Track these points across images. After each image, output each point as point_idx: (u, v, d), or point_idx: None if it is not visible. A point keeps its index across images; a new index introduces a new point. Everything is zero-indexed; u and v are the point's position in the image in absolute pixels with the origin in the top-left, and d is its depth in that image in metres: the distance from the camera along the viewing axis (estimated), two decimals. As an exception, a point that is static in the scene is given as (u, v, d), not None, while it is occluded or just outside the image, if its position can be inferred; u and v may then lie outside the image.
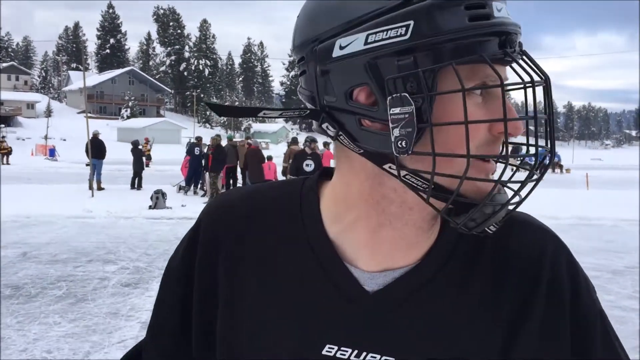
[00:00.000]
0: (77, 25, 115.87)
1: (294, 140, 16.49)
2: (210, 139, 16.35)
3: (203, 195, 16.08)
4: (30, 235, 9.82)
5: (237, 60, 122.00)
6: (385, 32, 0.63)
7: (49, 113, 71.17)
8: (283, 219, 0.80)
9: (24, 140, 53.99)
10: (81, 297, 6.14)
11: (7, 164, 30.83)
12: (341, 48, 0.66)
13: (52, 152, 39.15)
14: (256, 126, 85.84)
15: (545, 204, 14.59)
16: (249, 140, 18.04)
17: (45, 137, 47.60)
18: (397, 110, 0.64)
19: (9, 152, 32.51)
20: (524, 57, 0.66)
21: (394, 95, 0.63)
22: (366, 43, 0.64)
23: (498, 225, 0.68)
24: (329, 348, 0.73)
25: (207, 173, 15.70)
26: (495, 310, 0.74)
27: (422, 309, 0.73)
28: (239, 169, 16.67)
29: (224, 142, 16.87)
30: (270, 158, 15.94)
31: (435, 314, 0.73)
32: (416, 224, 0.73)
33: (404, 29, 0.63)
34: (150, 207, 13.12)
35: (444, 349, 0.72)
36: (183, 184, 17.35)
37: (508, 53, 0.64)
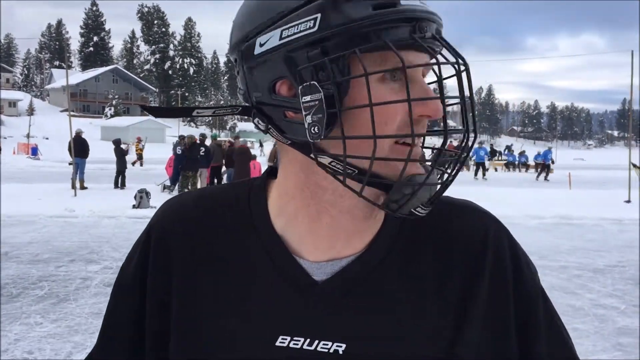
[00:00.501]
0: (60, 23, 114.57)
1: (236, 137, 16.55)
2: (186, 138, 16.24)
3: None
4: (11, 235, 9.70)
5: (223, 59, 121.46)
6: (296, 27, 0.67)
7: (31, 111, 70.32)
8: (233, 218, 0.82)
9: (5, 138, 53.29)
10: (63, 297, 6.09)
11: None
12: (261, 45, 0.71)
13: (34, 151, 38.68)
14: (241, 125, 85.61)
15: (529, 203, 14.76)
16: (229, 139, 17.95)
17: (28, 136, 47.06)
18: (308, 98, 0.67)
19: None
20: (442, 43, 0.70)
21: (304, 84, 0.67)
22: (281, 38, 0.68)
23: (427, 208, 0.70)
24: (282, 339, 0.74)
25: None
26: (441, 294, 0.77)
27: (369, 297, 0.76)
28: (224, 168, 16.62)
29: (208, 141, 16.79)
30: (254, 157, 15.91)
31: (382, 301, 0.76)
32: (351, 212, 0.75)
33: (312, 22, 0.66)
34: (134, 207, 13.03)
35: (393, 335, 0.75)
36: (168, 183, 17.23)
37: (415, 38, 0.67)
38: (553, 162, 30.12)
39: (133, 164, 27.62)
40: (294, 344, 0.74)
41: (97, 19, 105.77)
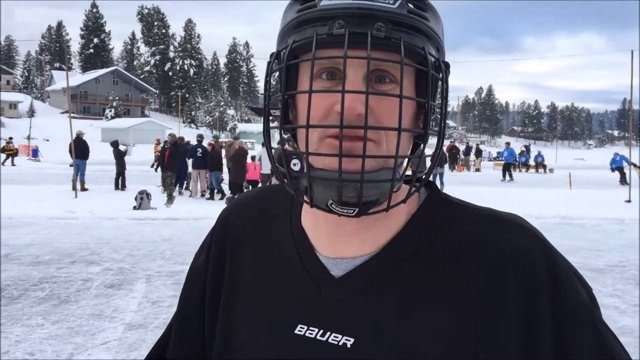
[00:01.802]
0: (60, 25, 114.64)
1: (235, 138, 16.47)
2: (168, 136, 16.12)
3: (190, 196, 16.00)
4: (12, 236, 9.71)
5: (223, 60, 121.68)
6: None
7: (31, 113, 70.38)
8: (279, 213, 0.91)
9: (6, 140, 53.31)
10: (64, 299, 6.09)
11: (13, 165, 30.38)
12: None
13: (35, 153, 38.71)
14: (242, 126, 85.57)
15: (529, 203, 14.76)
16: (211, 141, 17.65)
17: (28, 138, 47.01)
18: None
19: (14, 153, 31.92)
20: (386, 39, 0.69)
21: None
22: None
23: (345, 208, 0.70)
24: (300, 327, 0.79)
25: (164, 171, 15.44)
26: (459, 305, 0.74)
27: (381, 297, 0.77)
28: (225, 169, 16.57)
29: (205, 143, 16.75)
30: (254, 158, 15.92)
31: (394, 302, 0.76)
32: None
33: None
34: (134, 208, 13.03)
35: (401, 335, 0.74)
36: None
37: (332, 34, 0.69)
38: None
39: (153, 167, 26.12)
40: (309, 333, 0.78)
41: (97, 21, 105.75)
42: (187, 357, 0.97)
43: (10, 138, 33.62)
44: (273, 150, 0.77)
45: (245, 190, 15.36)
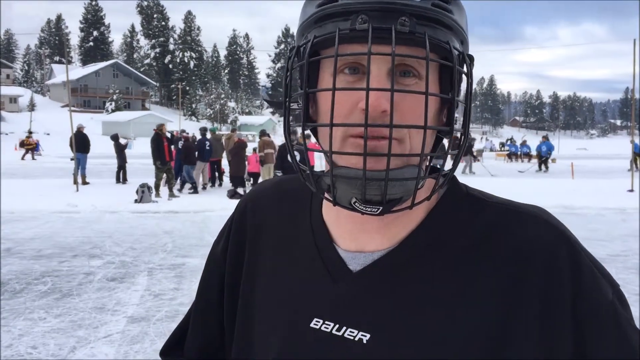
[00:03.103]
0: (59, 18, 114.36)
1: (263, 132, 16.39)
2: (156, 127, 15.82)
3: (190, 189, 15.99)
4: (14, 230, 9.72)
5: (223, 52, 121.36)
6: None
7: (32, 107, 70.43)
8: (298, 205, 0.90)
9: (7, 134, 53.35)
10: (66, 292, 6.10)
11: (33, 159, 30.37)
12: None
13: (36, 147, 38.67)
14: (243, 118, 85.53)
15: (531, 193, 14.74)
16: (184, 133, 17.25)
17: (29, 132, 47.07)
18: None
19: (34, 147, 31.83)
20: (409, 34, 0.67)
21: None
22: None
23: (369, 206, 0.69)
24: (316, 321, 0.78)
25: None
26: (479, 301, 0.73)
27: (400, 292, 0.75)
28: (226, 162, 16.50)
29: (208, 135, 16.71)
30: (255, 150, 15.91)
31: (412, 298, 0.74)
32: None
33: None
34: (135, 201, 13.04)
35: (417, 332, 0.73)
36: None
37: (355, 29, 0.67)
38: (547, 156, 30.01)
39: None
40: (325, 327, 0.77)
41: (96, 14, 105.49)
42: (204, 346, 0.98)
43: (30, 132, 33.39)
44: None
45: (246, 182, 15.37)
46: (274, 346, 0.81)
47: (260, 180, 15.16)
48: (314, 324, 0.78)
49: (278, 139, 24.42)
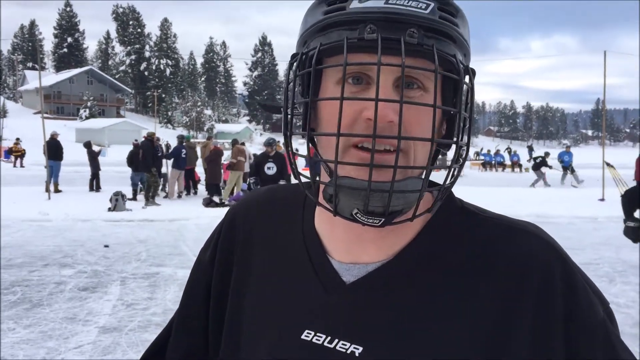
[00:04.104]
0: (33, 24, 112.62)
1: (235, 141, 16.39)
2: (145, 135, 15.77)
3: (165, 197, 15.83)
4: (-17, 239, 9.50)
5: (200, 60, 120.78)
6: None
7: (3, 113, 69.07)
8: (289, 215, 0.88)
9: (-23, 141, 52.28)
10: (37, 302, 5.97)
11: (22, 166, 29.73)
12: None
13: (7, 154, 37.97)
14: (219, 126, 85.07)
15: (505, 202, 14.89)
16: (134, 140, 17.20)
17: (0, 138, 46.19)
18: None
19: (22, 154, 31.14)
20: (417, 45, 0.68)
21: None
22: None
23: (371, 217, 0.69)
24: (307, 333, 0.77)
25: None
26: (471, 317, 0.73)
27: (393, 304, 0.75)
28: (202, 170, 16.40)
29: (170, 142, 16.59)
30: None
31: (405, 312, 0.74)
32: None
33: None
34: (109, 210, 12.86)
35: (410, 347, 0.72)
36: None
37: (363, 38, 0.67)
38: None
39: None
40: (316, 339, 0.76)
41: (70, 20, 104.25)
42: (187, 353, 0.96)
43: (18, 139, 32.74)
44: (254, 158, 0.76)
45: (221, 190, 15.28)
46: (264, 356, 0.80)
47: (226, 185, 15.15)
48: (305, 336, 0.77)
49: (256, 147, 24.37)
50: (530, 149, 44.09)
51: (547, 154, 25.26)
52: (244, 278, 0.88)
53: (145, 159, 14.62)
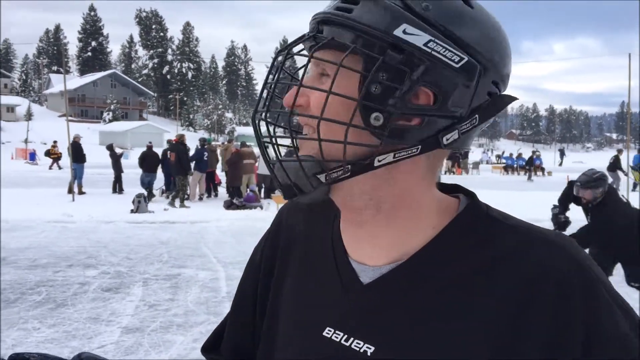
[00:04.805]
0: (58, 28, 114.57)
1: (243, 143, 16.72)
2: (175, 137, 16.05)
3: (188, 199, 15.97)
4: (9, 240, 9.67)
5: (221, 64, 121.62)
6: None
7: (29, 116, 70.26)
8: (325, 218, 0.92)
9: (3, 144, 53.25)
10: (61, 302, 6.07)
11: (60, 168, 30.15)
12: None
13: (32, 156, 38.56)
14: (240, 129, 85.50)
15: (527, 206, 14.75)
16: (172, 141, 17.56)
17: (26, 141, 46.98)
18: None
19: (59, 157, 31.48)
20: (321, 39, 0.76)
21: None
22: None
23: (301, 193, 0.77)
24: (328, 330, 0.80)
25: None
26: (486, 324, 0.72)
27: (407, 306, 0.76)
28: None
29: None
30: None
31: (418, 314, 0.75)
32: (388, 220, 0.80)
33: None
34: (132, 211, 13.01)
35: (422, 349, 0.73)
36: (165, 187, 17.22)
37: (309, 38, 0.79)
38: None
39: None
40: (335, 336, 0.79)
41: (95, 24, 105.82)
42: (237, 347, 1.02)
43: (55, 142, 33.10)
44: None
45: (242, 192, 15.36)
46: (291, 351, 0.85)
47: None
48: (326, 333, 0.80)
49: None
50: (562, 152, 43.05)
51: (620, 151, 23.64)
52: (283, 276, 0.93)
53: (180, 162, 14.74)
